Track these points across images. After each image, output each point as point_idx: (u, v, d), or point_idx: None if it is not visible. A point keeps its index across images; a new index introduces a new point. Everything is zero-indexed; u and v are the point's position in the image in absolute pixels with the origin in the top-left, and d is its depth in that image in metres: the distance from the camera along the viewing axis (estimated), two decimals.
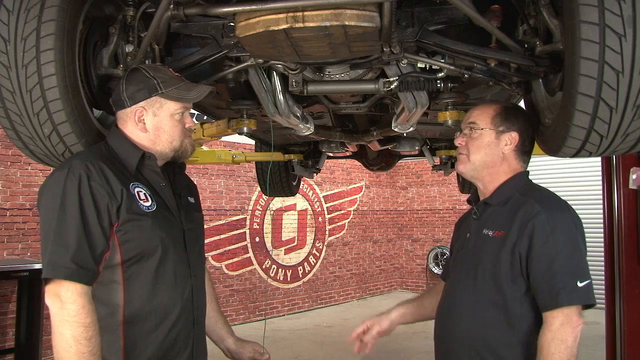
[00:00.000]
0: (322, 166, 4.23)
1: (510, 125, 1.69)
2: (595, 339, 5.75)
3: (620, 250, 3.17)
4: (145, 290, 1.46)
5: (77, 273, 1.35)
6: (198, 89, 1.59)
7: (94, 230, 1.38)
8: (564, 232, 1.52)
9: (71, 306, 1.33)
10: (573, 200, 7.76)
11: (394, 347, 6.37)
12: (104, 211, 1.40)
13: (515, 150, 1.70)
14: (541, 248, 1.51)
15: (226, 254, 7.60)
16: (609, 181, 3.29)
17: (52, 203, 1.38)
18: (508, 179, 1.69)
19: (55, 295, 1.34)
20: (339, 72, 1.96)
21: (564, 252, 1.50)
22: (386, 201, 10.85)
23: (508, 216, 1.61)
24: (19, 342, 4.77)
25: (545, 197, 1.63)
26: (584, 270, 1.51)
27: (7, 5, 1.43)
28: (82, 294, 1.35)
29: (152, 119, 1.55)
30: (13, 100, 1.51)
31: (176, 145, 1.59)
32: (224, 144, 7.14)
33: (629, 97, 1.33)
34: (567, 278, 1.48)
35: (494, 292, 1.57)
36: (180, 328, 1.52)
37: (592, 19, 1.26)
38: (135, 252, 1.44)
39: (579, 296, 1.48)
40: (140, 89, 1.52)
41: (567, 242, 1.51)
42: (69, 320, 1.32)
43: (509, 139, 1.68)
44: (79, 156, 1.49)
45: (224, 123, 2.69)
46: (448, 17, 1.66)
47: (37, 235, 5.53)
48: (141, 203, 1.47)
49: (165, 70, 1.58)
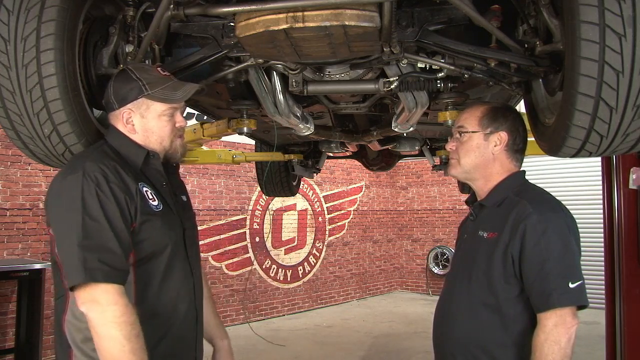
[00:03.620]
0: (322, 166, 4.24)
1: (498, 125, 1.68)
2: (595, 339, 5.76)
3: (620, 250, 3.17)
4: (155, 289, 1.47)
5: (114, 274, 1.34)
6: (184, 89, 1.56)
7: (121, 230, 1.37)
8: (555, 233, 1.52)
9: (114, 307, 1.31)
10: (573, 200, 7.74)
11: (394, 347, 6.37)
12: (125, 211, 1.39)
13: (506, 150, 1.69)
14: (533, 249, 1.51)
15: (226, 254, 7.59)
16: (609, 181, 3.30)
17: (71, 207, 1.36)
18: (502, 179, 1.69)
19: (92, 301, 1.32)
20: (339, 72, 1.96)
21: (555, 253, 1.50)
22: (386, 201, 10.85)
23: (502, 217, 1.61)
24: (19, 342, 4.77)
25: (538, 197, 1.62)
26: (576, 271, 1.50)
27: (7, 5, 1.43)
28: (121, 294, 1.34)
29: (140, 120, 1.54)
30: (13, 100, 1.50)
31: (166, 146, 1.59)
32: (224, 144, 7.14)
33: (629, 97, 1.33)
34: (558, 279, 1.48)
35: (488, 294, 1.58)
36: (187, 325, 1.55)
37: (592, 19, 1.26)
38: (147, 252, 1.45)
39: (571, 297, 1.48)
40: (127, 91, 1.51)
41: (558, 243, 1.51)
42: (116, 321, 1.30)
43: (498, 139, 1.68)
44: (89, 157, 1.46)
45: (224, 123, 2.69)
46: (448, 17, 1.66)
47: (37, 235, 5.55)
48: (150, 203, 1.48)
49: (152, 70, 1.57)
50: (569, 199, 8.26)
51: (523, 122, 1.74)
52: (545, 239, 1.50)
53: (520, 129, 1.71)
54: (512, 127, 1.69)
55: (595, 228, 7.56)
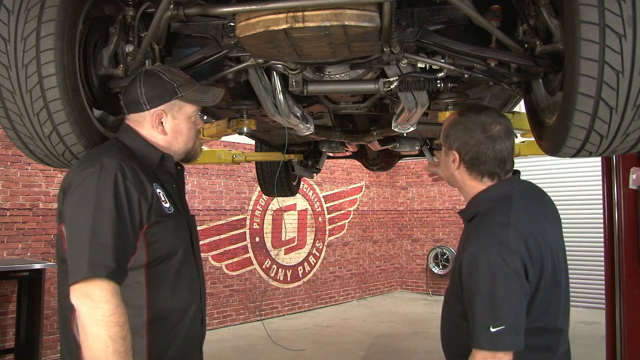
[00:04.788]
0: (322, 166, 4.24)
1: (451, 142, 1.59)
2: (595, 339, 5.77)
3: (620, 250, 3.17)
4: (167, 290, 1.47)
5: (116, 272, 1.32)
6: (213, 92, 1.63)
7: (127, 230, 1.36)
8: (486, 270, 1.40)
9: (106, 305, 1.29)
10: (573, 200, 7.73)
11: (394, 347, 6.37)
12: (136, 212, 1.39)
13: (466, 168, 1.58)
14: (465, 284, 1.45)
15: (226, 254, 7.59)
16: (609, 181, 3.30)
17: (84, 201, 1.35)
18: (477, 193, 1.59)
19: (85, 295, 1.30)
20: (339, 72, 1.96)
21: (481, 293, 1.40)
22: (386, 201, 10.85)
23: (465, 237, 1.56)
24: (19, 342, 4.77)
25: (486, 225, 1.50)
26: (499, 315, 1.38)
27: (7, 5, 1.43)
28: (115, 293, 1.32)
29: (172, 121, 1.57)
30: (13, 100, 1.51)
31: (189, 147, 1.63)
32: (224, 144, 7.14)
33: (629, 97, 1.33)
34: (480, 321, 1.40)
35: (457, 303, 1.55)
36: (196, 326, 1.56)
37: (592, 19, 1.26)
38: (160, 254, 1.45)
39: (486, 341, 1.38)
40: (160, 92, 1.53)
41: (487, 283, 1.40)
42: (104, 320, 1.28)
43: (453, 157, 1.59)
44: (107, 153, 1.45)
45: (224, 123, 2.69)
46: (448, 17, 1.66)
47: (37, 235, 5.55)
48: (163, 204, 1.48)
49: (179, 73, 1.61)
50: (569, 199, 8.27)
51: (472, 134, 1.55)
52: (476, 275, 1.42)
53: (472, 141, 1.54)
54: (463, 144, 1.56)
55: (595, 228, 7.57)
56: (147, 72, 1.58)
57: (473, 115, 1.58)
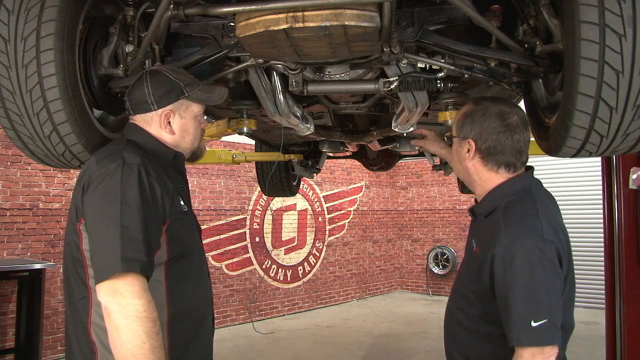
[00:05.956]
0: (322, 166, 4.23)
1: (467, 131, 1.56)
2: (595, 339, 5.77)
3: (620, 250, 3.17)
4: (185, 288, 1.46)
5: (148, 266, 1.29)
6: (218, 91, 1.64)
7: (152, 226, 1.34)
8: (524, 262, 1.35)
9: (139, 301, 1.24)
10: (573, 200, 7.73)
11: (394, 347, 6.37)
12: (160, 207, 1.38)
13: (481, 158, 1.54)
14: (500, 279, 1.39)
15: (226, 254, 7.60)
16: (609, 181, 3.30)
17: (110, 196, 1.32)
18: (495, 186, 1.54)
19: (115, 292, 1.24)
20: (339, 72, 1.96)
21: (520, 287, 1.34)
22: (386, 201, 10.85)
23: (486, 232, 1.50)
24: (19, 342, 4.77)
25: (516, 217, 1.44)
26: (540, 307, 1.33)
27: (7, 5, 1.43)
28: (146, 289, 1.28)
29: (179, 121, 1.57)
30: (13, 100, 1.51)
31: (196, 146, 1.65)
32: (224, 144, 7.14)
33: (629, 97, 1.33)
34: (520, 316, 1.33)
35: (478, 304, 1.51)
36: (210, 325, 1.59)
37: (592, 19, 1.26)
38: (178, 251, 1.44)
39: (530, 337, 1.32)
40: (168, 92, 1.53)
41: (525, 275, 1.35)
42: (139, 315, 1.23)
43: (468, 147, 1.56)
44: (126, 148, 1.43)
45: (224, 123, 2.69)
46: (448, 17, 1.66)
47: (37, 235, 5.55)
48: (179, 202, 1.49)
49: (184, 72, 1.61)
50: (569, 199, 8.27)
51: (503, 123, 1.52)
52: (512, 269, 1.36)
53: (490, 129, 1.52)
54: (480, 133, 1.53)
55: (595, 228, 7.57)
56: (152, 72, 1.57)
57: (490, 104, 1.56)
